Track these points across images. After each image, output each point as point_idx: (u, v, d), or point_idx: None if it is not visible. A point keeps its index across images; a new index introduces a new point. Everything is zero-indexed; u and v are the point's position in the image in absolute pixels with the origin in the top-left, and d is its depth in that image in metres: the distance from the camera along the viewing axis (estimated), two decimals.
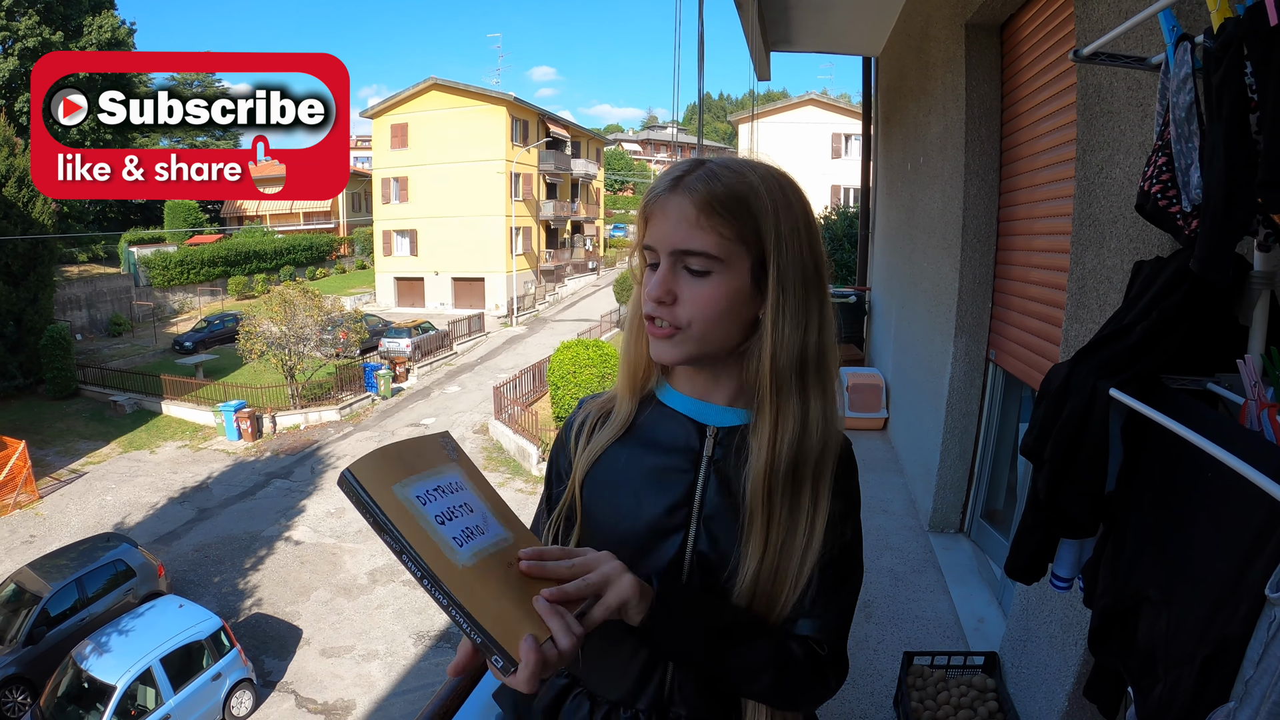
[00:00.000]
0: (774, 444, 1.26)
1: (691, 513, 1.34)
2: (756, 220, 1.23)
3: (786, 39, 10.01)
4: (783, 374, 1.26)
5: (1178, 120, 1.68)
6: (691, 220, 1.22)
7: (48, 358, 28.92)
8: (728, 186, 1.23)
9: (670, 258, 1.26)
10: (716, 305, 1.25)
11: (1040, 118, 4.60)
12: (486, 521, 1.16)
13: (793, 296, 1.25)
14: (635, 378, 1.44)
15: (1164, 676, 1.57)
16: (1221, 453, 1.37)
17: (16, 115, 35.60)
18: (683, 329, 1.27)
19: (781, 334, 1.25)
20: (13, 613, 13.84)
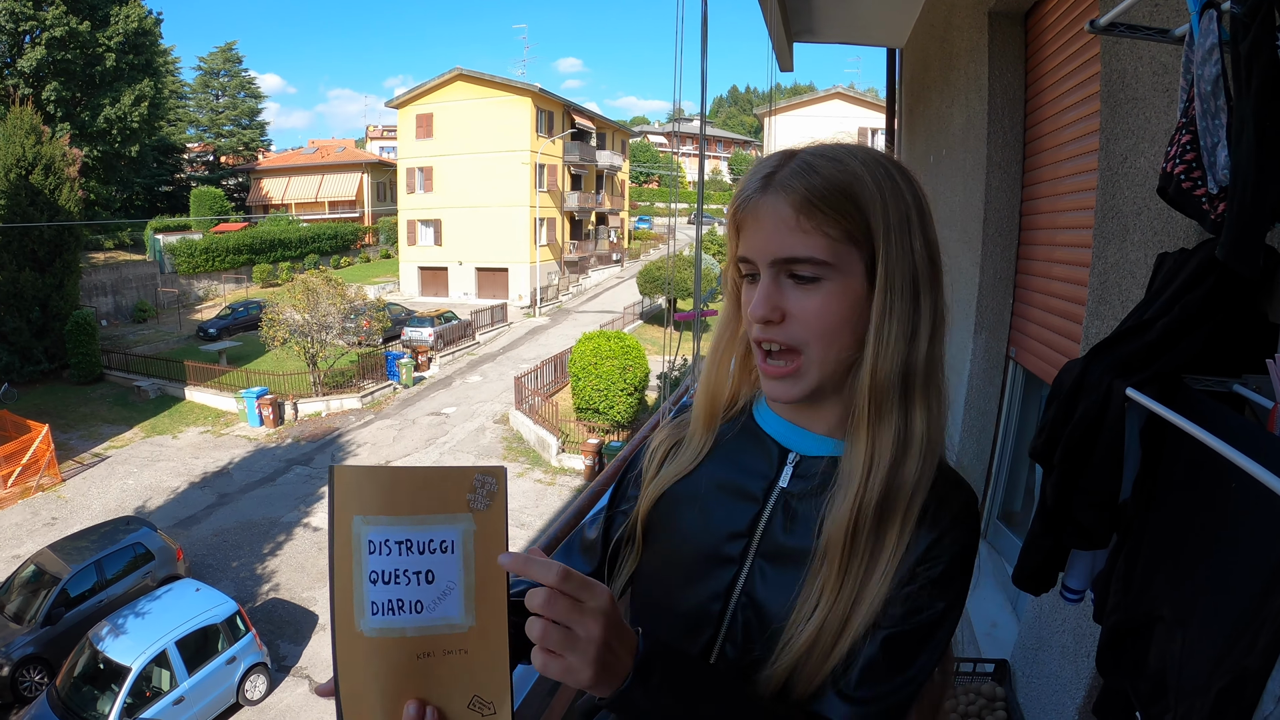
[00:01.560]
0: (868, 471, 1.08)
1: (750, 546, 1.19)
2: (865, 213, 1.08)
3: (809, 30, 9.89)
4: (884, 390, 1.09)
5: (1203, 95, 1.55)
6: (791, 223, 1.07)
7: (73, 343, 29.20)
8: (828, 178, 1.07)
9: (772, 269, 1.10)
10: (832, 317, 1.09)
11: (1065, 107, 4.48)
12: (440, 601, 0.97)
13: (900, 299, 1.09)
14: (715, 406, 1.30)
15: (1175, 705, 1.45)
16: (1247, 461, 1.24)
17: (44, 104, 35.94)
18: (801, 354, 1.11)
19: (886, 343, 1.08)
20: (32, 593, 13.95)
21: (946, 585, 1.10)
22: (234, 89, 62.71)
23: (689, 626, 1.20)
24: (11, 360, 28.32)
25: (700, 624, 1.20)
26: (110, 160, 41.31)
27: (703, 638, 1.19)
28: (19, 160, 28.39)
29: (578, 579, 0.93)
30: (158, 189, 54.75)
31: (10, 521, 18.94)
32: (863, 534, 1.07)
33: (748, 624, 1.17)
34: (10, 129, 28.39)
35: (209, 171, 60.45)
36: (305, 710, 12.94)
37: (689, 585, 1.22)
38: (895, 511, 1.08)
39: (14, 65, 36.35)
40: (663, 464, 1.33)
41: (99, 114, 39.09)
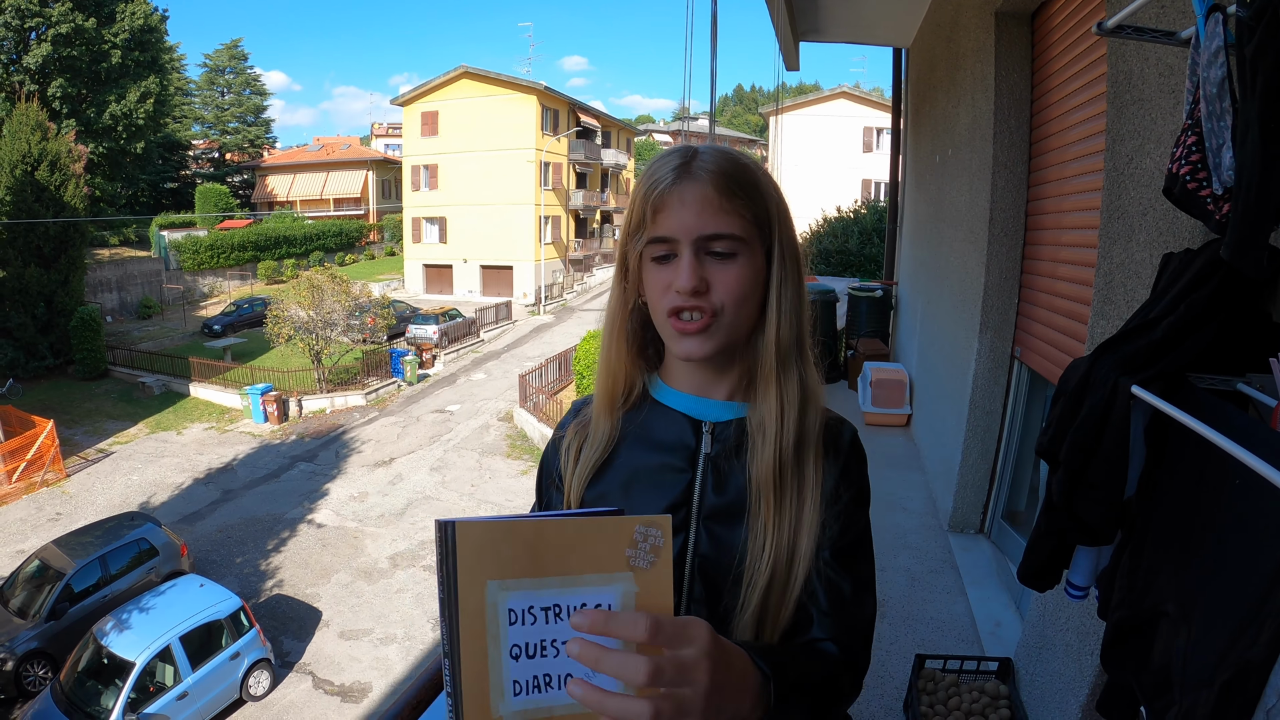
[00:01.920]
0: (781, 421, 1.24)
1: (691, 513, 1.29)
2: (766, 201, 1.25)
3: (815, 29, 9.90)
4: (786, 351, 1.26)
5: (1209, 97, 1.57)
6: (715, 204, 1.20)
7: (78, 339, 29.26)
8: (739, 168, 1.23)
9: (693, 245, 1.21)
10: (744, 287, 1.23)
11: (1071, 108, 4.49)
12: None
13: (791, 275, 1.26)
14: (615, 390, 1.40)
15: (1179, 699, 1.46)
16: (1251, 458, 1.26)
17: (49, 100, 35.98)
18: (716, 317, 1.23)
19: (785, 311, 1.25)
20: (36, 588, 13.96)
21: (862, 500, 1.31)
22: (239, 86, 62.77)
23: None
24: (17, 356, 28.36)
25: None
26: (116, 157, 41.33)
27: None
28: (24, 156, 28.43)
29: (670, 626, 0.82)
30: (163, 186, 54.84)
31: (15, 517, 18.96)
32: (788, 472, 1.23)
33: (707, 583, 1.27)
34: (16, 125, 28.44)
35: (214, 168, 60.52)
36: (308, 706, 12.95)
37: None
38: (807, 449, 1.26)
39: (20, 62, 36.35)
40: (578, 457, 1.41)
41: (104, 110, 39.13)
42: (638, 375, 1.40)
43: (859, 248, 23.17)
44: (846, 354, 11.78)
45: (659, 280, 1.24)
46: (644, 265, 1.28)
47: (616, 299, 1.38)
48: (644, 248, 1.26)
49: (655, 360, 1.43)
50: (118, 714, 11.22)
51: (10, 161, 28.17)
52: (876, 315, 11.87)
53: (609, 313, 1.39)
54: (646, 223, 1.24)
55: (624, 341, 1.38)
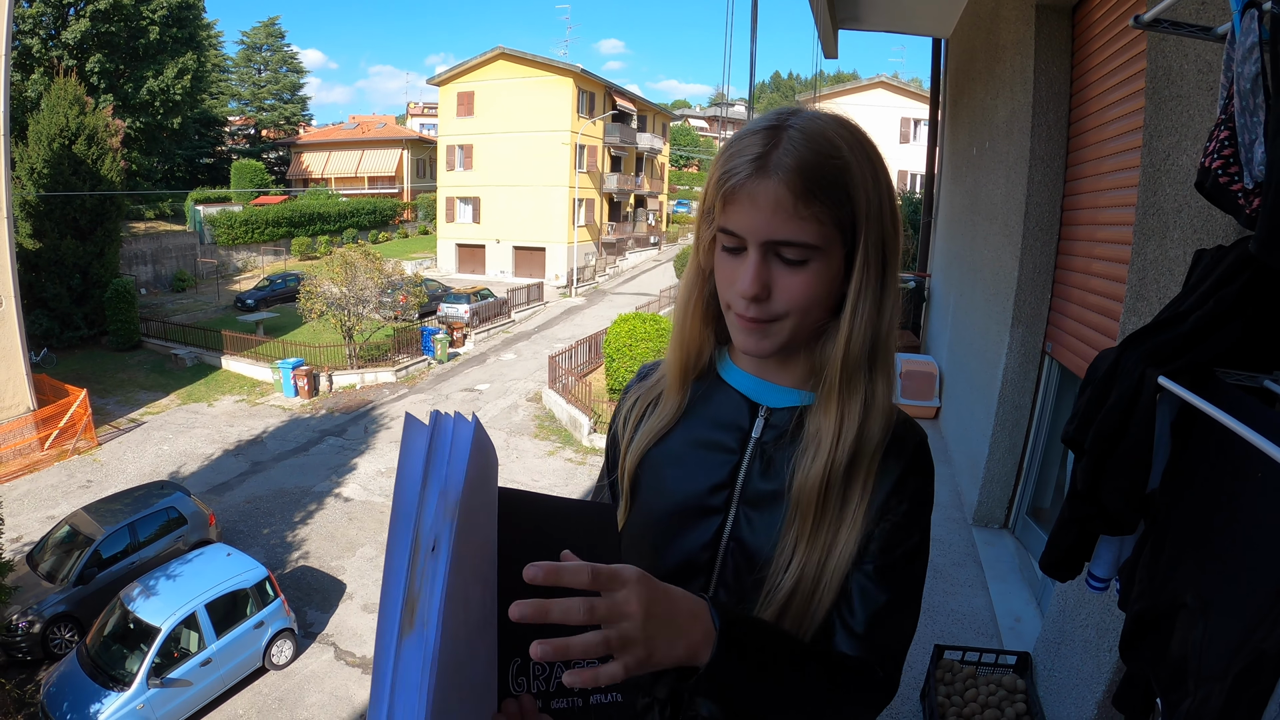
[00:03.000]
0: (838, 435, 1.18)
1: (733, 495, 1.26)
2: (853, 202, 1.13)
3: (855, 16, 9.84)
4: (856, 360, 1.18)
5: (1242, 92, 1.55)
6: (789, 209, 1.10)
7: (112, 310, 29.57)
8: (823, 165, 1.10)
9: (761, 248, 1.13)
10: (811, 296, 1.15)
11: (1110, 103, 4.45)
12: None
13: (875, 277, 1.17)
14: (688, 363, 1.36)
15: (1194, 690, 1.46)
16: (1275, 450, 1.25)
17: (87, 75, 36.30)
18: (778, 321, 1.17)
19: (860, 319, 1.17)
20: (66, 553, 14.14)
21: (917, 514, 1.22)
22: (276, 64, 63.08)
23: (682, 577, 1.22)
24: (51, 326, 28.69)
25: (693, 573, 1.28)
26: (152, 132, 41.66)
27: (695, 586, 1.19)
28: (62, 130, 28.64)
29: (604, 572, 0.93)
30: (199, 161, 55.26)
31: (46, 483, 19.22)
32: (833, 492, 1.17)
33: (738, 568, 1.25)
34: (54, 100, 28.64)
35: (250, 145, 60.93)
36: (329, 677, 13.08)
37: (678, 538, 1.29)
38: (859, 468, 1.18)
39: (59, 37, 36.71)
40: (639, 425, 1.40)
41: (142, 86, 39.44)
42: (709, 346, 1.36)
43: None
44: None
45: (726, 270, 1.19)
46: (715, 247, 1.22)
47: (692, 269, 1.32)
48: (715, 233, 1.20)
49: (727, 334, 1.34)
50: (141, 678, 11.36)
51: (48, 135, 28.39)
52: (908, 306, 11.82)
53: (684, 282, 1.35)
54: (716, 212, 1.17)
55: (697, 312, 1.33)
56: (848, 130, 1.15)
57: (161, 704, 11.55)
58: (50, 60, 35.56)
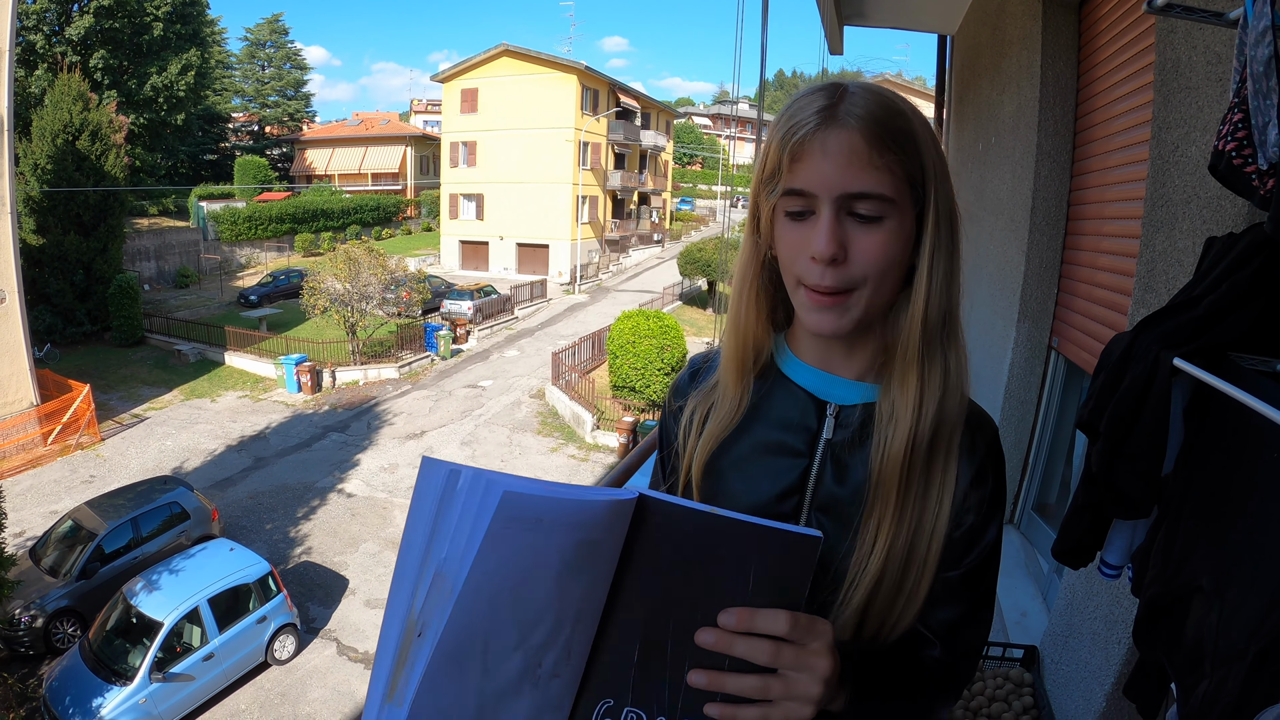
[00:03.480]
0: (920, 410, 1.11)
1: (803, 501, 1.19)
2: (921, 155, 1.08)
3: (860, 13, 9.79)
4: (933, 331, 1.12)
5: (1255, 75, 1.54)
6: (864, 158, 1.03)
7: (115, 306, 29.68)
8: (894, 114, 1.06)
9: (834, 204, 1.05)
10: (890, 256, 1.08)
11: (1117, 97, 4.42)
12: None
13: (946, 240, 1.11)
14: (746, 359, 1.27)
15: (1211, 673, 1.44)
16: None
17: (91, 71, 36.33)
18: (855, 290, 1.09)
19: (936, 285, 1.11)
20: (68, 548, 14.19)
21: (995, 510, 1.18)
22: (280, 60, 63.13)
23: None
24: (54, 322, 28.78)
25: None
26: (156, 128, 41.77)
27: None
28: (66, 126, 28.74)
29: (804, 620, 0.91)
30: (202, 157, 55.32)
31: (49, 478, 19.28)
32: (917, 468, 1.11)
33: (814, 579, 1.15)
34: (58, 95, 28.73)
35: (253, 141, 60.98)
36: (331, 672, 13.10)
37: None
38: (941, 443, 1.13)
39: (62, 33, 36.79)
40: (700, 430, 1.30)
41: (146, 82, 39.54)
42: (767, 338, 1.28)
43: None
44: None
45: (792, 239, 1.10)
46: (777, 219, 1.14)
47: (748, 253, 1.24)
48: (778, 200, 1.11)
49: (784, 323, 1.30)
50: (144, 673, 11.40)
51: (52, 131, 28.48)
52: None
53: (739, 268, 1.25)
54: (783, 171, 1.08)
55: (755, 300, 1.24)
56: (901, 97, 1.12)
57: (164, 699, 11.59)
58: (54, 56, 35.60)
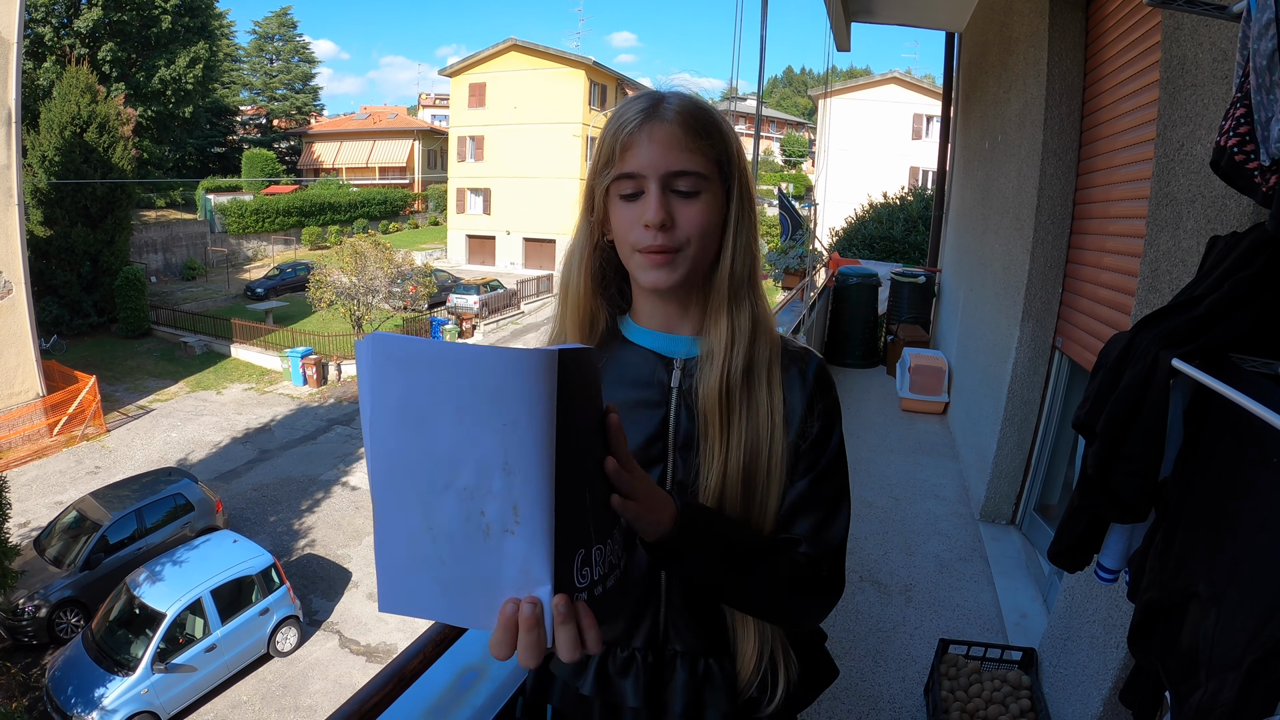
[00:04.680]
0: (731, 347, 1.30)
1: (667, 444, 1.36)
2: (727, 142, 1.30)
3: (868, 10, 9.81)
4: (739, 281, 1.32)
5: (1258, 69, 1.52)
6: (681, 143, 1.25)
7: (122, 298, 29.69)
8: (701, 110, 1.29)
9: (659, 181, 1.25)
10: (708, 221, 1.28)
11: (1123, 95, 4.41)
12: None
13: (746, 213, 1.33)
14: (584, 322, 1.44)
15: (1206, 682, 1.42)
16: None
17: (99, 64, 36.39)
18: (681, 250, 1.28)
19: (741, 243, 1.32)
20: (73, 538, 14.21)
21: (831, 427, 1.35)
22: (288, 53, 63.15)
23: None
24: (61, 313, 28.81)
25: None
26: (164, 120, 41.80)
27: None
28: (74, 118, 28.76)
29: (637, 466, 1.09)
30: (210, 150, 55.32)
31: (55, 469, 19.31)
32: (735, 396, 1.30)
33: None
34: (66, 88, 28.74)
35: (261, 134, 60.99)
36: (333, 664, 13.11)
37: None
38: (758, 374, 1.32)
39: (71, 26, 36.80)
40: None
41: (154, 75, 39.56)
42: (600, 309, 1.44)
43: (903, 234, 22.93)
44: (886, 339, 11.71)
45: (627, 216, 1.29)
46: (611, 202, 1.33)
47: (582, 235, 1.42)
48: (611, 184, 1.31)
49: (620, 302, 1.49)
50: (146, 663, 11.42)
51: (60, 123, 28.51)
52: (918, 301, 11.79)
53: (572, 248, 1.44)
54: (615, 160, 1.28)
55: (586, 275, 1.41)
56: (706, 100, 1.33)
57: (166, 689, 11.61)
58: (62, 48, 35.61)
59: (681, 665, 1.39)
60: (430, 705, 1.83)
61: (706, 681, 1.39)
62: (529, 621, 0.87)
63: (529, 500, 0.84)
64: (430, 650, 1.78)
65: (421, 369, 0.83)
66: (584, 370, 0.89)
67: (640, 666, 1.39)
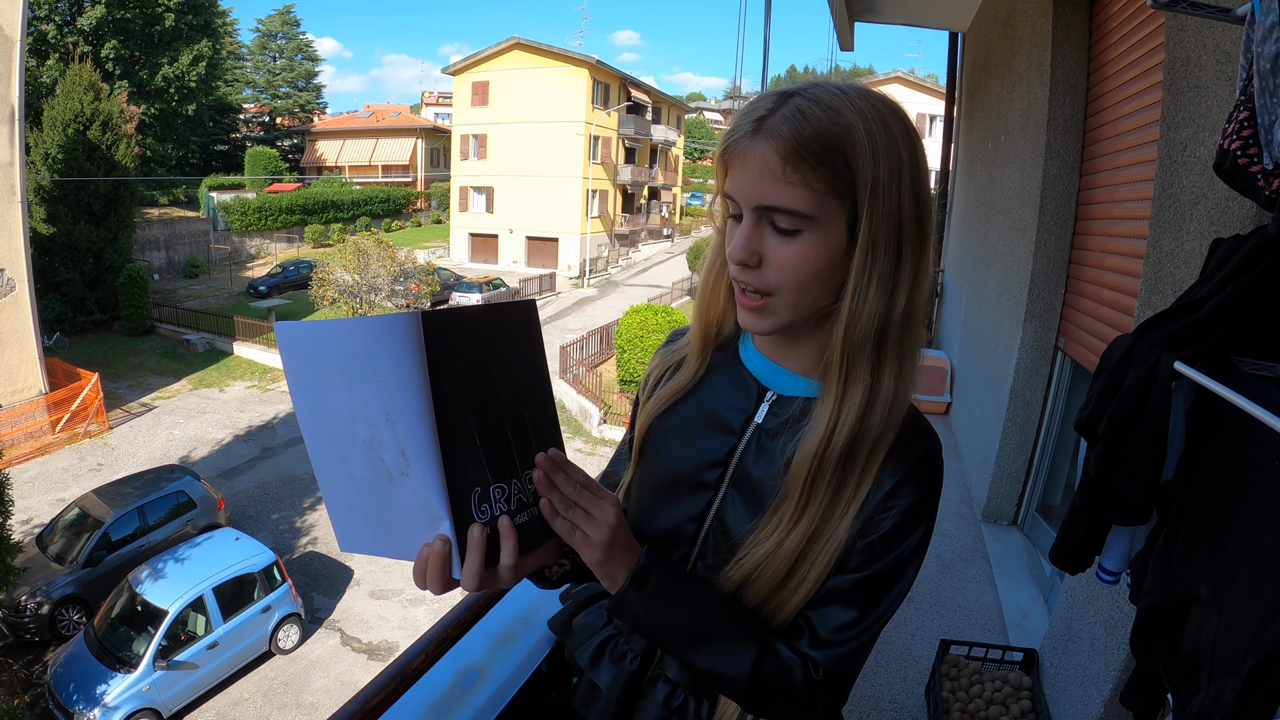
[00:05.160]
0: (834, 420, 1.11)
1: (725, 474, 1.24)
2: (853, 168, 1.05)
3: (871, 9, 9.77)
4: (857, 345, 1.10)
5: (1262, 72, 1.52)
6: (776, 172, 1.05)
7: (125, 295, 29.70)
8: (819, 129, 1.04)
9: (754, 214, 1.10)
10: (807, 269, 1.09)
11: (1127, 96, 4.40)
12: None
13: (884, 256, 1.08)
14: (708, 332, 1.34)
15: (1207, 685, 1.42)
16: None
17: (103, 62, 36.43)
18: (773, 296, 1.12)
19: (864, 300, 1.08)
20: (75, 535, 14.24)
21: (912, 524, 1.14)
22: (291, 51, 63.27)
23: (667, 543, 1.29)
24: (64, 310, 28.83)
25: (677, 542, 1.29)
26: (167, 118, 41.92)
27: (678, 554, 1.28)
28: (77, 116, 28.78)
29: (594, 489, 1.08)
30: (213, 148, 55.44)
31: (57, 466, 19.33)
32: (825, 475, 1.12)
33: (717, 544, 1.24)
34: (69, 85, 28.75)
35: (264, 132, 61.12)
36: (335, 662, 13.14)
37: (669, 506, 1.30)
38: (858, 458, 1.12)
39: (74, 23, 36.93)
40: (656, 388, 1.39)
41: (157, 73, 39.67)
42: (730, 316, 1.32)
43: None
44: None
45: (727, 239, 1.16)
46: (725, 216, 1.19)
47: (715, 241, 1.28)
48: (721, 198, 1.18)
49: None
50: (148, 660, 11.45)
51: (63, 120, 28.53)
52: None
53: (710, 249, 1.32)
54: (723, 172, 1.15)
55: (714, 283, 1.30)
56: (867, 101, 1.09)
57: (167, 686, 11.64)
58: (66, 46, 35.70)
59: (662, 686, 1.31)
60: (432, 705, 1.83)
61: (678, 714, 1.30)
62: (435, 557, 0.97)
63: (413, 445, 0.93)
64: (432, 650, 1.79)
65: (313, 345, 0.98)
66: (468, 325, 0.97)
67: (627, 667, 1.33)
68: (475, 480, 0.97)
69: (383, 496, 0.99)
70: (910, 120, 1.12)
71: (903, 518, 1.13)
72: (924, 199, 1.10)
